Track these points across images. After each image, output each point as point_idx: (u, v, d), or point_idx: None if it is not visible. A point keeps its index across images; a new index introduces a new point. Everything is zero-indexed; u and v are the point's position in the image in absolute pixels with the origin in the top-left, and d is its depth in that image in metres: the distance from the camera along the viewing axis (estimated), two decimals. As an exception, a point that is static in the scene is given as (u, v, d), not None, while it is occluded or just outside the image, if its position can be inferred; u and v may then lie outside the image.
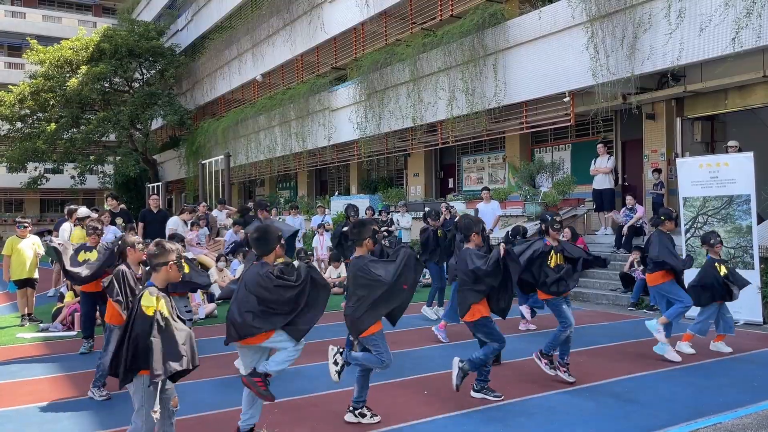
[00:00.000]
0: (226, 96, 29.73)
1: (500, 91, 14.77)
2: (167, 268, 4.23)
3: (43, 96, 28.85)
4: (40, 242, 10.48)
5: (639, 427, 5.07)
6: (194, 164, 28.84)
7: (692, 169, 10.09)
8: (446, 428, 5.19)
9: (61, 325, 9.76)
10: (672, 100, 13.98)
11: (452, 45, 15.68)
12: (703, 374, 6.71)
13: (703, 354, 7.54)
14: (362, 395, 5.35)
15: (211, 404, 5.84)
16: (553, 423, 5.26)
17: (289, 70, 24.64)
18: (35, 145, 29.03)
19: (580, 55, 12.95)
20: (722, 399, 5.77)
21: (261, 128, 24.82)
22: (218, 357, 7.42)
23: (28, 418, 5.61)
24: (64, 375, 7.11)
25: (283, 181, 30.10)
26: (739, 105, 13.15)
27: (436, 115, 16.65)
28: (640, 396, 5.95)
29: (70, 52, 29.28)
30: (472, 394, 5.93)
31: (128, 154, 30.92)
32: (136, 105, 29.50)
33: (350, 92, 19.79)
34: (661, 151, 14.28)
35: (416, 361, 7.40)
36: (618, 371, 6.81)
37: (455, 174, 20.98)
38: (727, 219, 9.57)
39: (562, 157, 17.37)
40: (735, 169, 9.55)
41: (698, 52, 11.05)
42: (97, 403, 6.02)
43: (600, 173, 13.69)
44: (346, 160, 21.93)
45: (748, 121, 14.07)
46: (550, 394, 6.08)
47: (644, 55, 11.90)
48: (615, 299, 11.42)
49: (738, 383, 6.30)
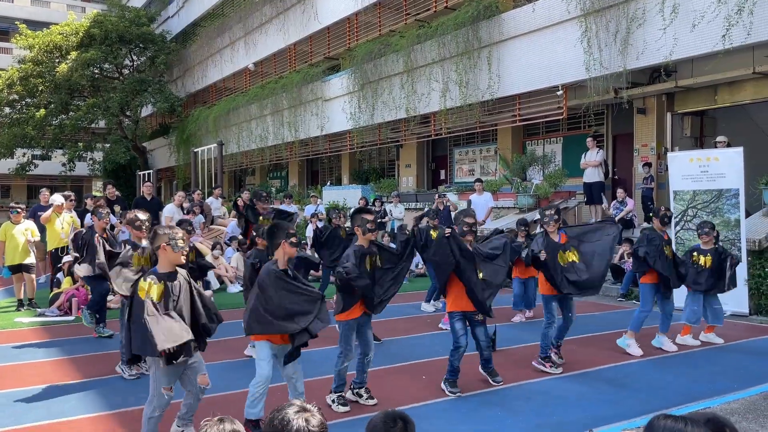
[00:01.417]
0: (217, 84, 29.64)
1: (494, 84, 14.90)
2: (162, 251, 4.40)
3: (32, 81, 28.63)
4: (34, 228, 10.53)
5: (632, 411, 5.25)
6: (185, 152, 28.78)
7: (683, 163, 10.30)
8: (445, 412, 5.35)
9: (58, 310, 9.82)
10: (663, 95, 14.19)
11: (446, 37, 15.78)
12: (693, 363, 6.92)
13: (688, 345, 7.74)
14: (357, 378, 5.58)
15: (218, 387, 5.95)
16: (549, 406, 5.44)
17: (281, 59, 24.62)
18: (24, 131, 28.81)
19: (573, 49, 13.11)
20: (712, 386, 5.98)
21: (253, 117, 24.81)
22: (220, 342, 7.53)
23: (35, 399, 5.71)
24: (67, 358, 7.19)
25: (275, 171, 30.12)
26: (729, 101, 13.37)
27: (429, 106, 16.76)
28: (633, 382, 6.15)
29: (59, 38, 29.05)
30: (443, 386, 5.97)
31: (118, 141, 30.75)
32: (126, 92, 29.33)
33: (343, 82, 19.85)
34: (651, 146, 14.49)
35: (413, 348, 7.56)
36: (610, 359, 7.01)
37: (447, 165, 21.13)
38: (716, 212, 9.79)
39: (553, 150, 17.56)
40: (725, 163, 9.77)
41: (690, 48, 11.24)
42: (104, 384, 6.13)
43: (589, 167, 13.90)
44: (338, 151, 22.00)
45: (737, 117, 14.34)
46: (545, 379, 6.28)
47: (637, 50, 12.07)
48: (605, 290, 11.60)
49: (727, 371, 6.51)
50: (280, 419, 2.16)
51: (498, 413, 5.30)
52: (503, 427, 4.96)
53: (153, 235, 4.52)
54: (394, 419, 2.41)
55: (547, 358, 6.62)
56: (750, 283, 9.59)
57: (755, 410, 5.27)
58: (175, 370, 4.35)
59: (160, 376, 4.33)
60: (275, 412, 2.22)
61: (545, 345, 6.64)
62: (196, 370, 4.49)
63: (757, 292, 9.63)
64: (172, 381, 4.38)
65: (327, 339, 7.78)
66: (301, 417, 2.16)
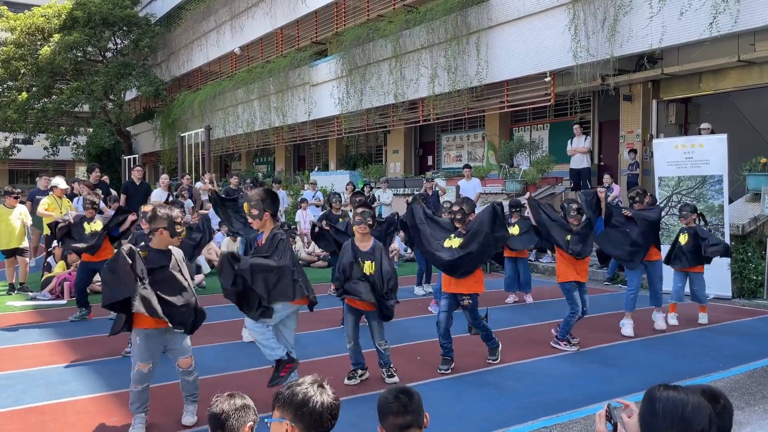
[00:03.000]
0: (203, 68, 29.40)
1: (482, 70, 14.97)
2: (159, 234, 4.58)
3: (13, 64, 28.19)
4: (27, 212, 10.49)
5: (622, 389, 5.43)
6: (170, 137, 28.59)
7: (668, 149, 10.49)
8: (440, 391, 5.48)
9: (50, 294, 9.83)
10: (649, 83, 14.36)
11: (435, 22, 15.82)
12: (678, 344, 7.12)
13: (680, 325, 7.96)
14: (354, 361, 5.72)
15: (213, 367, 6.06)
16: (542, 385, 5.60)
17: (268, 44, 24.48)
18: (6, 115, 28.41)
19: (561, 36, 13.20)
20: (697, 365, 6.17)
21: (239, 102, 24.69)
22: (214, 325, 7.60)
23: (35, 380, 5.77)
24: (63, 341, 7.25)
25: (261, 156, 30.03)
26: (713, 88, 13.56)
27: (417, 92, 16.81)
28: (621, 362, 6.34)
29: (42, 20, 28.62)
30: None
31: (102, 125, 30.45)
32: (110, 75, 28.98)
33: (331, 67, 19.82)
34: (637, 132, 14.67)
35: (406, 331, 7.70)
36: (598, 340, 7.19)
37: (434, 151, 21.23)
38: (700, 198, 9.99)
39: (540, 137, 17.71)
40: (709, 150, 9.97)
41: (678, 36, 11.37)
42: (101, 367, 6.19)
43: (577, 153, 14.08)
44: (325, 136, 22.00)
45: (721, 104, 14.56)
46: (537, 360, 6.44)
47: (624, 38, 12.19)
48: (591, 274, 11.75)
49: (710, 352, 6.72)
50: (302, 394, 2.27)
51: (492, 392, 5.45)
52: (497, 406, 5.11)
53: (152, 215, 4.59)
54: (401, 392, 2.54)
55: (565, 340, 6.82)
56: (733, 268, 9.82)
57: (740, 389, 5.46)
58: (150, 348, 4.50)
59: (136, 353, 4.54)
60: (294, 387, 2.33)
61: (565, 331, 6.81)
62: (176, 352, 4.61)
63: (740, 276, 9.87)
64: (147, 358, 4.50)
65: (315, 322, 7.93)
66: (320, 391, 2.29)
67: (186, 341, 4.68)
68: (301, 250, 13.93)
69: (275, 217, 4.90)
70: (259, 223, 4.84)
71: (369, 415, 4.25)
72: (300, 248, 14.01)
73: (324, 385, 2.35)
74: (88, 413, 5.00)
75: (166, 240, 4.56)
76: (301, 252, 13.85)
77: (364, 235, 5.61)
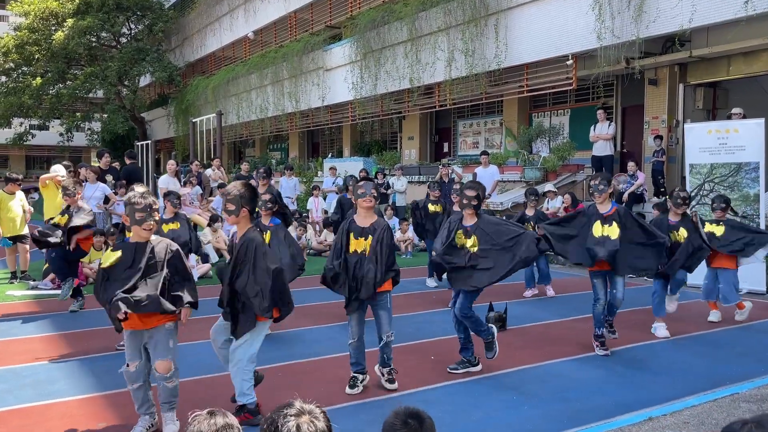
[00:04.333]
0: (216, 53, 29.05)
1: (501, 53, 14.41)
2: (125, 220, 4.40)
3: (28, 49, 28.04)
4: (26, 198, 10.21)
5: (656, 396, 4.94)
6: (183, 123, 28.28)
7: (700, 135, 9.89)
8: (455, 396, 5.03)
9: (51, 283, 9.52)
10: (675, 66, 13.71)
11: (452, 3, 15.26)
12: (713, 344, 6.60)
13: (710, 324, 7.45)
14: (354, 360, 5.22)
15: (210, 366, 5.65)
16: (568, 391, 5.10)
17: (281, 28, 24.03)
18: (21, 100, 28.28)
19: (584, 17, 12.60)
20: (737, 369, 5.65)
21: (253, 87, 24.29)
22: (214, 319, 7.20)
23: (22, 379, 5.40)
24: (58, 334, 6.89)
25: (275, 143, 29.65)
26: (743, 72, 12.92)
27: (434, 76, 16.27)
28: (652, 365, 5.83)
29: (55, 4, 28.37)
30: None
31: (116, 111, 30.23)
32: (124, 61, 28.74)
33: (345, 51, 19.31)
34: (663, 118, 14.06)
35: (420, 326, 7.26)
36: (625, 340, 6.67)
37: (451, 138, 20.68)
38: (735, 187, 9.41)
39: (561, 122, 17.12)
40: (745, 135, 9.36)
41: (710, 15, 10.76)
42: (93, 364, 5.82)
43: (601, 140, 13.49)
44: (339, 122, 21.54)
45: (751, 89, 13.86)
46: (557, 361, 5.94)
47: (651, 18, 11.58)
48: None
49: (750, 353, 6.20)
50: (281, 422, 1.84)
51: (513, 397, 4.98)
52: (521, 414, 4.63)
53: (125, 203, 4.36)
54: (410, 417, 2.12)
55: (598, 336, 6.25)
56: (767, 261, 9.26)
57: (787, 396, 4.96)
58: (131, 346, 4.28)
59: (127, 353, 4.34)
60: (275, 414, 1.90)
61: (596, 322, 6.28)
62: (155, 354, 4.26)
63: (775, 270, 9.30)
64: (131, 357, 4.29)
65: (319, 317, 7.53)
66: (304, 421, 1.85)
67: (170, 342, 4.26)
68: (312, 239, 13.52)
69: (253, 214, 4.50)
70: (235, 219, 4.40)
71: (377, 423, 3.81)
72: (311, 237, 13.60)
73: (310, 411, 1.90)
74: (72, 417, 4.62)
75: (134, 230, 4.25)
76: (312, 241, 13.43)
77: (368, 209, 5.10)
